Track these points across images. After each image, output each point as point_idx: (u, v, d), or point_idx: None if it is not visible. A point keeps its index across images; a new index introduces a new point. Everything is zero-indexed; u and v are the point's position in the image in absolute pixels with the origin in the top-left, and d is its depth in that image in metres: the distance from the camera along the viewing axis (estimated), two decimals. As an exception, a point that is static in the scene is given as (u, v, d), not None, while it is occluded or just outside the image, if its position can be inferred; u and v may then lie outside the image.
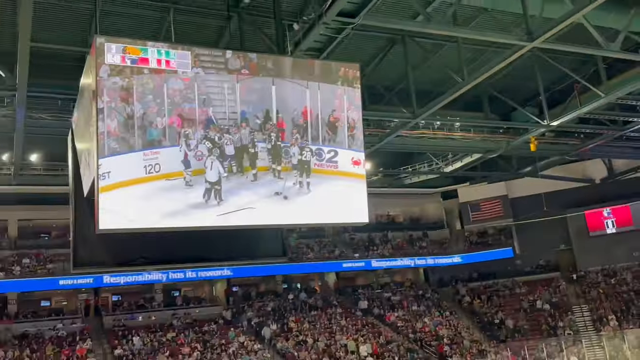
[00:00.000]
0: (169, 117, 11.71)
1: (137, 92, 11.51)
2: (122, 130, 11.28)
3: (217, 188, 11.99)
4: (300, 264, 39.35)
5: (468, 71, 21.82)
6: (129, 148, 11.28)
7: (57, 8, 18.83)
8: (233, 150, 12.31)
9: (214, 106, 12.21)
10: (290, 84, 13.12)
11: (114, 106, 11.26)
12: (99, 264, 14.54)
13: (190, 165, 11.77)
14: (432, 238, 46.07)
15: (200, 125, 12.02)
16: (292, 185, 12.85)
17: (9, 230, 36.71)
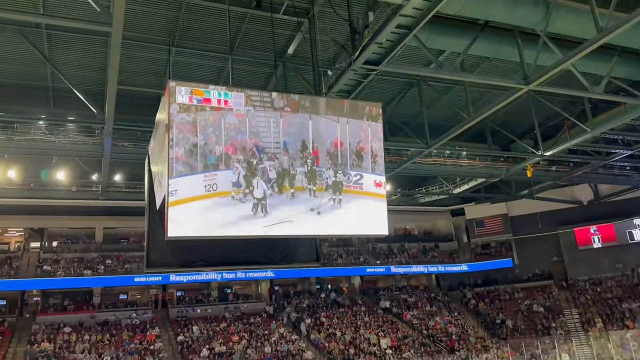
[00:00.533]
0: (225, 146, 11.98)
1: (200, 125, 11.82)
2: (187, 156, 11.57)
3: (263, 203, 12.16)
4: (331, 269, 39.16)
5: (474, 109, 21.67)
6: (192, 171, 11.56)
7: (139, 58, 19.48)
8: (275, 174, 12.45)
9: (261, 137, 12.44)
10: (324, 119, 13.30)
11: (182, 137, 11.58)
12: (167, 265, 14.68)
13: (241, 185, 11.98)
14: (442, 249, 45.33)
15: (250, 152, 12.26)
16: (325, 202, 12.92)
17: (96, 236, 37.59)
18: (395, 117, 25.16)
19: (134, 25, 17.10)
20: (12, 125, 21.81)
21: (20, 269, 32.70)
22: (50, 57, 18.53)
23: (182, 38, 18.52)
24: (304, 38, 18.06)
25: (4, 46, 18.40)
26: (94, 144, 22.81)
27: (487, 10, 14.90)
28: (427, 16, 13.62)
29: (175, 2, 16.23)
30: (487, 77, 19.72)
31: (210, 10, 17.02)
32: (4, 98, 21.61)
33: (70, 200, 30.30)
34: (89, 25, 14.25)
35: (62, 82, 18.22)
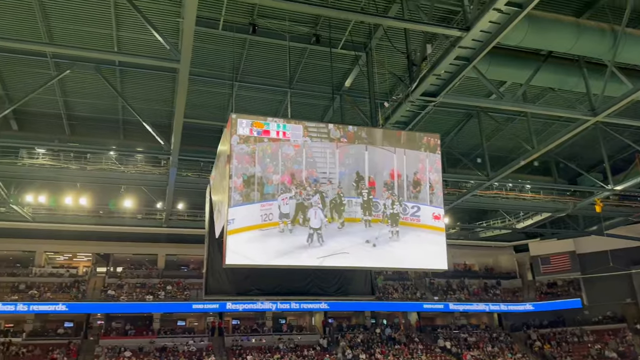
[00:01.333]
0: (282, 176, 12.21)
1: (258, 156, 12.14)
2: (245, 186, 11.87)
3: (319, 233, 12.22)
4: (386, 303, 38.34)
5: (537, 141, 21.02)
6: (249, 200, 11.82)
7: (204, 92, 20.43)
8: (329, 204, 12.52)
9: (317, 167, 12.59)
10: (380, 150, 13.30)
11: (240, 167, 11.92)
12: (224, 292, 14.94)
13: (289, 216, 12.07)
14: (505, 287, 43.39)
15: (307, 183, 12.40)
16: (382, 234, 12.78)
17: (158, 262, 38.87)
18: (454, 149, 24.80)
19: (200, 62, 18.02)
20: (85, 156, 23.29)
21: (87, 293, 34.27)
22: (122, 92, 19.79)
23: (244, 73, 19.31)
24: (361, 71, 18.35)
25: (81, 82, 19.89)
26: (160, 174, 23.92)
27: (550, 41, 14.59)
28: (486, 48, 13.52)
29: (239, 39, 17.00)
30: (551, 109, 19.16)
31: (272, 46, 17.69)
32: (79, 130, 23.22)
33: (136, 227, 31.68)
34: (159, 62, 15.19)
35: (132, 115, 19.36)
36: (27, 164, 22.72)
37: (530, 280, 43.46)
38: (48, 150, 22.69)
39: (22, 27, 16.37)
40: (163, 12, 15.73)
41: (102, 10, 15.84)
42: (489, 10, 12.02)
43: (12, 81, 19.72)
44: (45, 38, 16.69)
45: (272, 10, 15.82)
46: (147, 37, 16.19)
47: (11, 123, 22.61)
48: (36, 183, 25.78)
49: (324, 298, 30.88)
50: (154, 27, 13.17)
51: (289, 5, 13.60)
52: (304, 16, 16.27)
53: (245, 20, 16.04)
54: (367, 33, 17.04)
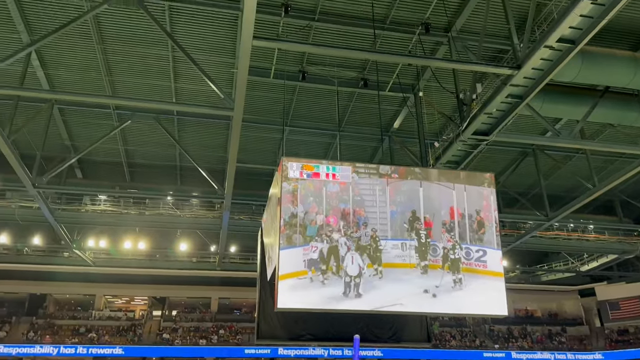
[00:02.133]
0: (326, 216, 11.48)
1: (300, 194, 11.57)
2: (287, 228, 11.24)
3: (357, 282, 11.20)
4: (444, 351, 36.67)
5: (598, 179, 20.14)
6: (291, 244, 11.18)
7: (256, 138, 21.02)
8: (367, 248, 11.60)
9: (365, 206, 11.75)
10: (437, 186, 12.36)
11: (283, 207, 11.32)
12: (276, 337, 14.79)
13: (318, 263, 11.22)
14: (571, 334, 40.75)
15: (353, 224, 11.62)
16: (443, 283, 11.59)
17: (211, 306, 39.25)
18: (509, 188, 24.08)
19: (252, 109, 18.63)
20: (144, 201, 24.25)
21: (143, 336, 34.88)
22: (179, 140, 20.66)
23: (294, 117, 19.78)
24: (409, 112, 18.38)
25: (141, 132, 20.96)
26: (214, 217, 24.48)
27: (606, 77, 14.16)
28: (539, 85, 13.30)
29: (289, 86, 17.54)
30: (611, 145, 18.38)
31: (321, 91, 18.11)
32: (138, 177, 24.31)
33: (190, 270, 32.30)
34: (214, 111, 15.87)
35: (188, 161, 20.12)
36: (90, 210, 23.88)
37: (599, 327, 40.64)
38: (109, 197, 23.83)
39: (88, 81, 17.58)
40: (218, 64, 16.51)
41: (161, 63, 16.82)
42: (540, 47, 11.89)
43: (78, 132, 21.04)
44: (109, 91, 17.83)
45: (321, 58, 16.27)
46: (203, 87, 16.99)
47: (76, 171, 24.00)
48: (97, 228, 26.96)
49: (377, 345, 29.94)
50: (209, 78, 13.82)
51: (338, 52, 14.02)
52: (351, 61, 16.63)
53: (295, 68, 16.58)
54: (415, 75, 17.16)
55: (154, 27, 13.72)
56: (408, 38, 15.31)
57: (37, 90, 17.00)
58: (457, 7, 14.55)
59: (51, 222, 22.67)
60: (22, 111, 17.21)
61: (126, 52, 16.27)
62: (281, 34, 14.44)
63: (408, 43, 15.48)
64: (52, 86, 17.52)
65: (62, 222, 23.58)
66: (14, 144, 16.81)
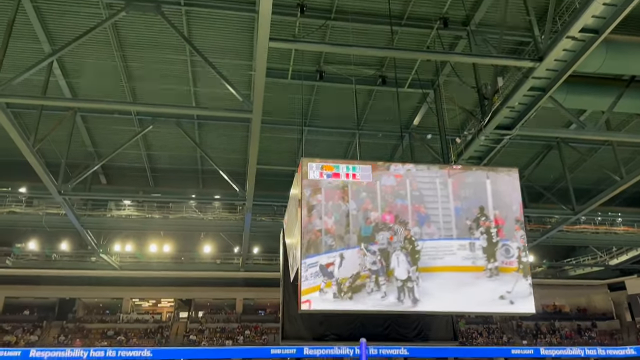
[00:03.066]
0: (382, 214, 10.47)
1: (352, 190, 10.72)
2: (337, 228, 10.35)
3: (409, 286, 10.16)
4: (470, 348, 36.19)
5: (626, 170, 19.59)
6: (344, 245, 10.27)
7: (275, 139, 21.03)
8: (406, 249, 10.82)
9: (425, 202, 10.56)
10: (507, 177, 11.14)
11: (331, 205, 10.42)
12: (300, 338, 14.70)
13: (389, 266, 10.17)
14: (601, 328, 39.84)
15: (413, 222, 10.46)
16: (520, 289, 10.54)
17: (236, 307, 39.51)
18: (534, 182, 23.60)
19: (271, 110, 18.62)
20: (168, 205, 24.51)
21: (170, 338, 35.28)
22: (200, 143, 20.80)
23: (313, 117, 19.73)
24: (429, 108, 18.15)
25: (163, 137, 21.16)
26: (236, 220, 24.63)
27: (632, 65, 13.74)
28: (562, 77, 12.96)
29: (307, 86, 17.48)
30: (638, 136, 17.86)
31: (339, 90, 17.99)
32: (161, 181, 24.57)
33: (215, 272, 32.57)
34: (233, 114, 15.92)
35: (210, 165, 20.23)
36: (115, 216, 24.23)
37: (630, 322, 39.65)
38: (133, 202, 24.15)
39: (109, 89, 17.81)
40: (235, 67, 16.55)
41: (180, 68, 16.93)
42: (562, 38, 11.58)
43: (101, 139, 21.34)
44: (129, 98, 18.03)
45: (338, 56, 16.17)
46: (221, 90, 17.01)
47: (100, 177, 24.37)
48: (123, 233, 27.36)
49: (403, 343, 29.73)
50: (227, 81, 13.85)
51: (355, 50, 13.88)
52: (369, 59, 16.49)
53: (313, 68, 16.51)
54: (434, 70, 16.93)
55: (172, 32, 13.80)
56: (426, 33, 15.11)
57: (59, 99, 17.31)
58: (475, 0, 14.29)
59: (78, 227, 23.08)
60: (46, 120, 17.51)
61: (145, 58, 16.43)
62: (297, 34, 14.38)
63: (426, 38, 15.27)
64: (74, 94, 17.81)
65: (88, 228, 23.99)
66: (39, 152, 17.11)
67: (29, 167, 17.17)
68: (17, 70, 13.67)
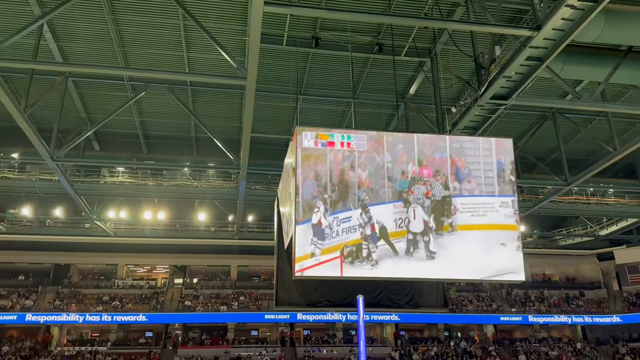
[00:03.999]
0: (419, 167, 10.10)
1: (387, 141, 10.37)
2: (372, 181, 9.98)
3: (426, 240, 9.94)
4: (460, 315, 37.06)
5: (619, 142, 19.67)
6: (379, 200, 9.86)
7: (270, 107, 20.87)
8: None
9: (467, 157, 10.22)
10: None
11: (365, 157, 10.04)
12: (294, 304, 14.96)
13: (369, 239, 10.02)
14: (589, 297, 40.75)
15: (452, 177, 10.13)
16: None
17: (231, 274, 39.99)
18: (528, 153, 23.71)
19: (265, 77, 18.44)
20: (162, 172, 24.45)
21: (165, 304, 35.77)
22: (194, 110, 20.61)
23: (308, 86, 19.54)
24: (426, 77, 18.01)
25: (156, 103, 20.94)
26: (231, 188, 24.66)
27: (630, 36, 13.62)
28: (559, 47, 12.84)
29: (302, 53, 17.25)
30: (633, 107, 17.88)
31: (335, 58, 17.78)
32: (155, 148, 24.44)
33: (209, 239, 32.81)
34: (227, 80, 15.74)
35: (204, 132, 20.10)
36: (108, 182, 24.19)
37: (617, 291, 40.58)
38: (127, 169, 24.07)
39: (101, 53, 17.50)
40: (229, 32, 16.26)
41: (173, 33, 16.63)
42: (561, 7, 11.42)
43: (93, 104, 21.10)
44: (122, 63, 17.75)
45: (335, 23, 15.91)
46: (215, 56, 16.80)
47: (93, 144, 24.20)
48: (117, 199, 27.36)
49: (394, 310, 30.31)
50: (221, 47, 13.63)
51: (351, 16, 13.66)
52: (366, 26, 16.25)
53: (308, 34, 16.25)
54: (431, 38, 16.72)
55: (164, -5, 13.50)
56: (424, 0, 14.86)
57: (50, 62, 17.02)
58: (474, -34, 14.01)
59: (71, 194, 23.06)
60: (37, 85, 17.27)
61: (137, 22, 16.10)
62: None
63: (424, 5, 15.04)
64: (65, 58, 17.50)
65: (81, 194, 23.97)
66: (31, 118, 16.93)
67: (21, 133, 17.03)
68: (6, 33, 13.40)
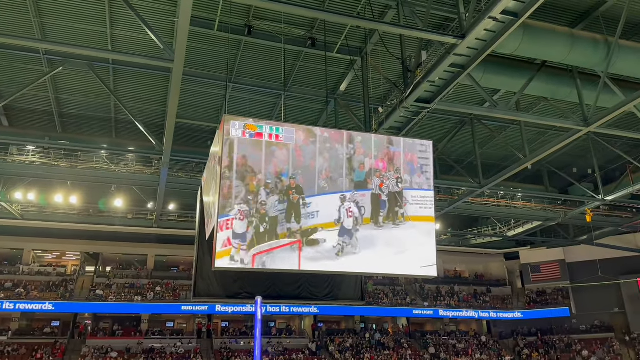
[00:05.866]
0: (376, 160, 10.99)
1: (347, 134, 10.98)
2: (332, 170, 10.62)
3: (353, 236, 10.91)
4: (376, 308, 38.23)
5: (530, 150, 21.09)
6: (334, 188, 10.61)
7: (197, 93, 20.31)
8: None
9: (419, 153, 11.46)
10: None
11: (328, 147, 10.55)
12: (213, 295, 14.71)
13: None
14: (495, 294, 43.48)
15: (404, 170, 11.14)
16: None
17: (147, 263, 38.55)
18: (446, 155, 24.84)
19: (194, 62, 17.90)
20: (76, 154, 23.05)
21: (75, 292, 33.88)
22: (115, 90, 19.61)
23: (238, 75, 19.22)
24: (356, 76, 18.31)
25: (74, 80, 19.70)
26: (151, 174, 23.73)
27: (544, 51, 14.63)
28: (481, 56, 13.54)
29: (234, 41, 16.92)
30: (544, 118, 19.23)
31: (267, 48, 17.61)
32: (70, 128, 23.01)
33: (126, 227, 31.42)
34: (153, 61, 15.07)
35: (125, 114, 19.19)
36: (16, 161, 22.47)
37: (520, 288, 43.58)
38: (38, 148, 22.45)
39: (15, 23, 16.19)
40: (158, 12, 15.61)
41: (96, 7, 15.70)
42: (485, 18, 12.03)
43: (4, 77, 19.49)
44: (38, 35, 16.51)
45: (268, 12, 15.75)
46: (141, 36, 16.08)
47: (1, 119, 22.37)
48: (25, 180, 25.48)
49: (314, 302, 30.73)
50: (148, 26, 13.06)
51: (285, 7, 13.54)
52: (300, 19, 16.22)
53: (241, 21, 15.97)
54: (363, 38, 17.02)
55: (89, -34, 12.70)
56: (357, -1, 15.09)
57: (-46, 27, 15.50)
58: (407, -29, 14.41)
59: (-28, 172, 21.22)
60: (-63, 50, 15.68)
61: (57, -8, 15.05)
62: (227, -16, 13.80)
63: (357, 4, 15.26)
64: (-28, 24, 16.02)
65: (-15, 173, 22.12)
66: None
67: None
68: None
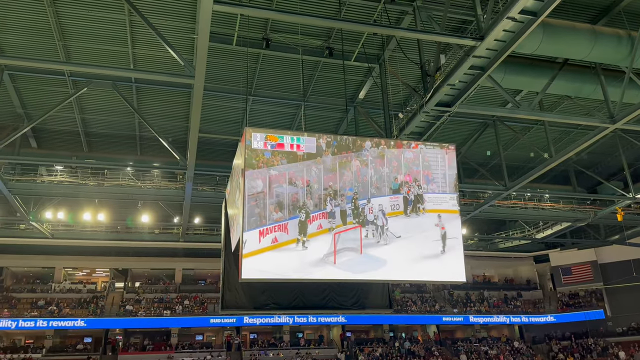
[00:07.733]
0: (404, 175, 13.01)
1: (387, 157, 12.87)
2: (378, 182, 12.62)
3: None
4: (405, 316, 37.85)
5: (555, 149, 20.71)
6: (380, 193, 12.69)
7: (218, 107, 20.57)
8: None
9: (432, 169, 13.32)
10: None
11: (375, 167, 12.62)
12: (241, 307, 14.81)
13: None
14: (525, 298, 42.66)
15: (423, 181, 13.20)
16: None
17: (175, 277, 38.98)
18: (470, 159, 24.56)
19: (214, 77, 18.16)
20: (103, 172, 23.52)
21: (105, 308, 34.44)
22: (139, 108, 20.00)
23: (258, 87, 19.41)
24: (374, 83, 18.31)
25: (99, 100, 20.16)
26: (176, 189, 24.03)
27: (566, 49, 14.41)
28: (501, 57, 13.39)
29: (252, 54, 17.12)
30: (568, 117, 18.90)
31: (285, 60, 17.76)
32: (96, 147, 23.53)
33: (153, 242, 31.84)
34: (174, 78, 15.35)
35: (149, 131, 19.54)
36: (46, 181, 23.03)
37: (552, 291, 42.68)
38: (66, 167, 22.98)
39: (41, 46, 16.69)
40: (177, 29, 15.91)
41: (117, 28, 16.08)
42: (503, 19, 11.92)
43: (31, 100, 20.07)
44: (62, 57, 16.98)
45: (285, 25, 15.91)
46: (162, 54, 16.39)
47: (30, 141, 23.01)
48: (55, 200, 26.09)
49: (341, 312, 30.57)
50: (168, 44, 13.31)
51: (302, 19, 13.68)
52: (316, 29, 16.33)
53: (259, 35, 16.15)
54: (380, 45, 17.03)
55: (109, -11, 13.04)
56: (373, 6, 15.12)
57: (-17, 54, 16.06)
58: (422, -24, 14.39)
59: (5, 193, 21.81)
60: (-31, 77, 16.24)
61: (80, 15, 15.45)
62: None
63: (373, 12, 15.29)
64: (1, 51, 16.56)
65: (16, 193, 22.71)
66: (-39, 111, 15.92)
67: (-51, 127, 15.96)
68: None
